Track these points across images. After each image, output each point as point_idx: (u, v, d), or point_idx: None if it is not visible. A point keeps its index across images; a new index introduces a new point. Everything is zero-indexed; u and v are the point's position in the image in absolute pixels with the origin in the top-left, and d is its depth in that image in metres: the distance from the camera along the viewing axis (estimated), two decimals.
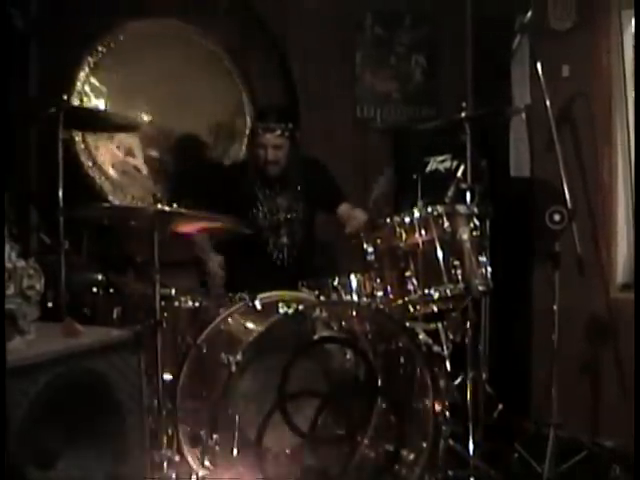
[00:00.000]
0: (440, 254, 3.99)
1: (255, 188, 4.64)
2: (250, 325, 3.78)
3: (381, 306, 4.00)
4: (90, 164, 4.83)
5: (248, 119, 5.26)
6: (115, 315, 4.08)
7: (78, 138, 4.76)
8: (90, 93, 4.83)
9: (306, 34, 5.45)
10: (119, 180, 4.93)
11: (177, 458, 3.64)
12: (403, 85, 5.85)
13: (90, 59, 4.81)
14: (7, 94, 4.04)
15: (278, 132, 4.52)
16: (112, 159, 4.91)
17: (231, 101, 5.29)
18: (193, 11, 5.09)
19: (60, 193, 3.96)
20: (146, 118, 4.95)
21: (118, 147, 4.92)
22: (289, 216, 4.65)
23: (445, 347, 4.18)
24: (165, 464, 3.58)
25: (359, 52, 5.73)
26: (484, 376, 4.57)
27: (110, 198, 4.89)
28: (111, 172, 4.92)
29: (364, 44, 5.74)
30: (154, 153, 5.03)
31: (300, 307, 3.73)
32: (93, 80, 4.83)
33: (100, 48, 4.84)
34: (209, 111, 5.21)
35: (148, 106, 4.99)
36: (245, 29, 5.30)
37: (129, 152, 4.95)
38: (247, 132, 5.14)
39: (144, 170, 5.00)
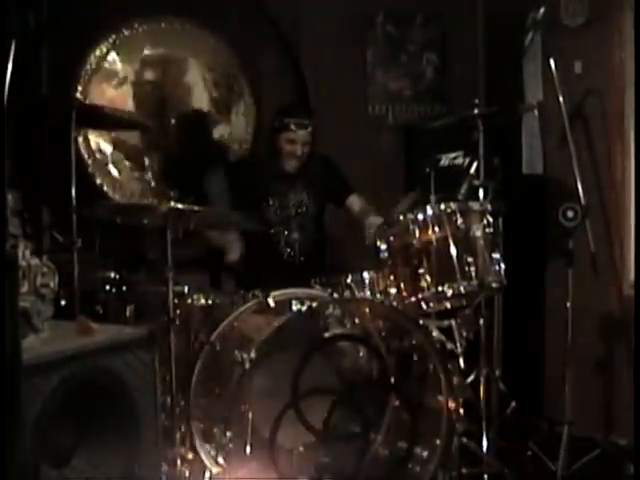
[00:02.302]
0: (453, 251, 3.97)
1: (266, 183, 4.64)
2: (263, 322, 3.77)
3: (394, 303, 3.99)
4: (90, 161, 4.84)
5: (250, 119, 5.27)
6: (128, 313, 4.10)
7: (79, 135, 4.76)
8: (97, 90, 4.84)
9: (318, 32, 5.45)
10: (119, 176, 4.93)
11: (191, 455, 3.66)
12: (415, 83, 5.84)
13: (96, 55, 4.82)
14: (18, 92, 4.04)
15: (310, 129, 4.55)
16: (111, 155, 4.91)
17: (236, 99, 5.29)
18: (202, 9, 5.09)
19: (73, 191, 3.97)
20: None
21: (118, 143, 4.92)
22: (299, 211, 4.65)
23: (458, 344, 4.15)
24: (179, 461, 3.59)
25: (371, 50, 5.72)
26: (497, 373, 4.57)
27: (110, 195, 4.90)
28: (111, 168, 4.92)
29: (376, 42, 5.74)
30: (157, 149, 5.04)
31: (313, 304, 3.72)
32: (99, 76, 4.84)
33: (105, 45, 4.85)
34: (215, 110, 5.22)
35: (153, 104, 5.00)
36: (256, 27, 5.29)
37: (129, 148, 4.95)
38: (251, 132, 5.18)
39: (144, 166, 5.00)
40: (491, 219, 4.11)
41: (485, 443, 4.30)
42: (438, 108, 5.83)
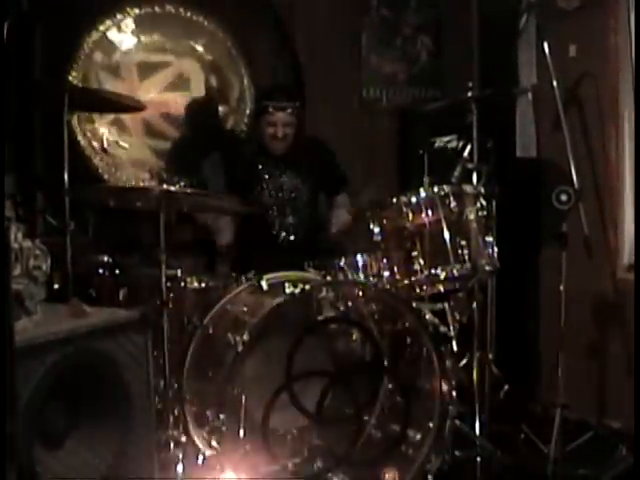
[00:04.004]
0: (447, 234, 3.97)
1: (260, 166, 4.64)
2: (256, 305, 3.77)
3: (387, 286, 3.99)
4: (85, 144, 4.83)
5: (248, 100, 5.26)
6: (121, 296, 4.09)
7: (74, 118, 4.75)
8: (91, 73, 4.83)
9: (312, 15, 5.44)
10: (114, 159, 4.92)
11: (184, 438, 3.65)
12: (409, 66, 5.84)
13: (90, 40, 4.81)
14: (12, 76, 4.03)
15: (289, 110, 4.53)
16: (107, 138, 4.90)
17: (234, 83, 5.28)
18: None
19: (65, 174, 3.97)
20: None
21: (112, 126, 4.91)
22: (293, 195, 4.66)
23: (452, 327, 4.16)
24: (172, 444, 3.59)
25: (365, 33, 5.72)
26: (490, 357, 4.58)
27: (106, 177, 4.89)
28: (109, 152, 4.91)
29: (370, 25, 5.73)
30: (154, 87, 5.03)
31: (306, 287, 3.73)
32: (94, 60, 4.83)
33: (101, 28, 4.84)
34: (210, 93, 5.21)
35: (148, 87, 4.99)
36: (250, 10, 5.28)
37: (124, 131, 4.95)
38: (247, 112, 5.16)
39: (139, 149, 4.99)
40: (484, 202, 4.11)
41: (478, 426, 4.31)
42: (432, 91, 5.83)
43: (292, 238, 4.63)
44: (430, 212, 3.99)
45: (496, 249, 4.11)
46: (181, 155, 5.04)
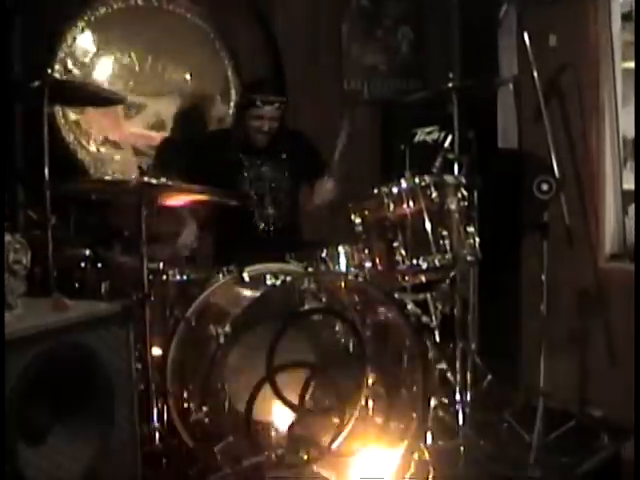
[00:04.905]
0: (428, 225, 3.98)
1: (240, 156, 4.64)
2: (238, 297, 3.77)
3: (369, 277, 4.00)
4: (71, 139, 4.81)
5: (233, 92, 5.25)
6: (103, 289, 4.09)
7: (59, 113, 4.73)
8: (72, 67, 4.81)
9: (293, 7, 5.43)
10: (100, 154, 4.90)
11: (167, 431, 3.66)
12: (390, 57, 5.83)
13: (71, 33, 4.78)
14: None
15: (277, 105, 4.54)
16: (92, 133, 4.88)
17: (216, 75, 5.27)
18: None
19: (46, 168, 3.95)
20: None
21: (98, 121, 4.89)
22: (273, 185, 4.65)
23: (434, 318, 4.18)
24: (155, 437, 3.59)
25: (346, 25, 5.71)
26: (473, 347, 4.59)
27: (92, 172, 4.87)
28: (92, 146, 4.89)
29: (351, 17, 5.72)
30: (136, 126, 5.01)
31: (288, 278, 3.73)
32: (75, 54, 4.81)
33: (81, 22, 4.81)
34: (193, 85, 5.19)
35: (131, 80, 4.97)
36: (232, 3, 5.27)
37: (110, 126, 4.93)
38: (232, 104, 5.15)
39: (125, 143, 4.97)
40: (466, 193, 4.13)
41: (461, 416, 4.32)
42: (414, 83, 5.82)
43: (272, 229, 4.63)
44: (411, 203, 3.99)
45: (477, 239, 4.12)
46: (168, 153, 5.03)
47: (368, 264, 4.05)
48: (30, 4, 4.65)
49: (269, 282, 3.70)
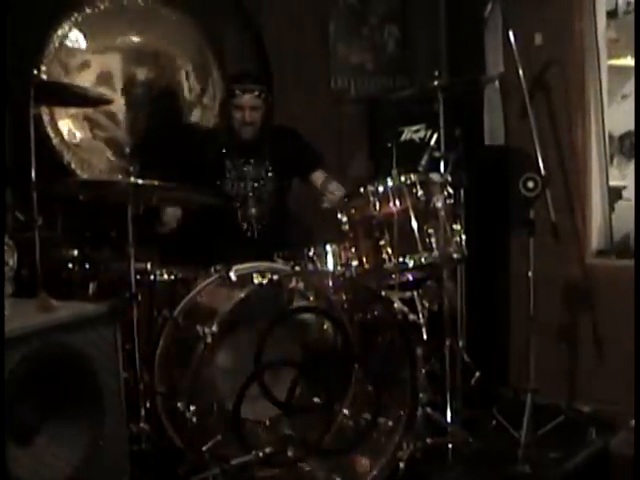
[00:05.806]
0: (414, 223, 3.99)
1: (223, 155, 4.63)
2: (225, 297, 3.77)
3: (356, 275, 4.00)
4: (58, 140, 4.80)
5: (217, 91, 5.25)
6: (91, 290, 4.08)
7: (45, 113, 4.72)
8: (58, 67, 4.79)
9: (279, 5, 5.42)
10: (86, 155, 4.89)
11: (155, 431, 3.66)
12: (377, 56, 5.82)
13: (57, 34, 4.77)
14: None
15: (256, 93, 4.55)
16: (79, 134, 4.87)
17: (201, 73, 5.26)
18: None
19: (33, 169, 3.94)
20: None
21: (84, 121, 4.88)
22: (256, 184, 4.64)
23: (421, 315, 4.19)
24: (143, 437, 3.59)
25: (332, 23, 5.70)
26: (461, 344, 4.59)
27: (78, 173, 4.86)
28: (79, 147, 4.88)
29: (337, 15, 5.71)
30: (121, 126, 5.00)
31: (275, 277, 3.73)
32: (61, 55, 4.79)
33: (67, 23, 4.80)
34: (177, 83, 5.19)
35: (115, 80, 4.96)
36: (218, 1, 5.27)
37: (96, 126, 4.92)
38: (217, 103, 5.15)
39: (111, 143, 4.97)
40: (452, 190, 4.14)
41: (449, 413, 4.33)
42: (400, 80, 5.81)
43: (256, 229, 4.61)
44: (398, 201, 4.01)
45: (464, 237, 4.14)
46: (146, 149, 5.01)
47: (355, 262, 4.06)
48: (17, 4, 4.63)
49: (256, 281, 3.69)
